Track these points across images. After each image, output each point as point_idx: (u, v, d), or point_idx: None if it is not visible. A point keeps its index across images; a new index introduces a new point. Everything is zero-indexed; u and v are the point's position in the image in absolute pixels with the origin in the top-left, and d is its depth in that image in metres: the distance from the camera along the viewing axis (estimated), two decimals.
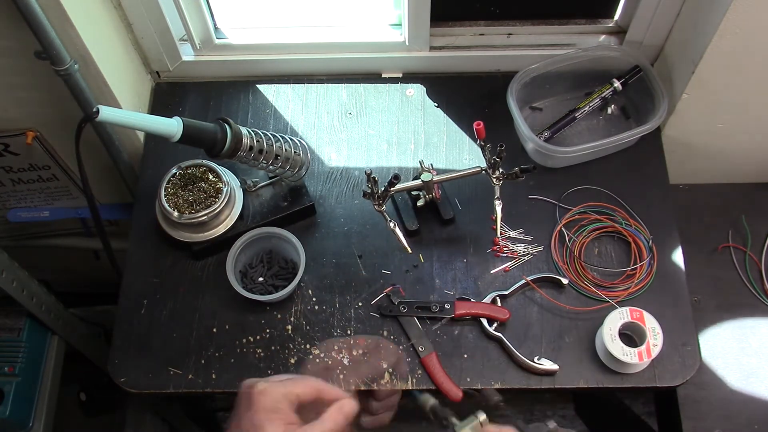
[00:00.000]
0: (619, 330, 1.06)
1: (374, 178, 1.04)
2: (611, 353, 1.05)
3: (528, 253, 1.18)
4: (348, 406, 0.75)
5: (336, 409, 0.75)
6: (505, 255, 1.18)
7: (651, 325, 1.07)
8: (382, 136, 1.30)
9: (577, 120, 1.28)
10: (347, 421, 0.75)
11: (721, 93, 1.19)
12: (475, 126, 1.06)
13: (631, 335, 1.10)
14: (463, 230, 1.20)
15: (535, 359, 1.07)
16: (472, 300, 1.13)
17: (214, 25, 1.30)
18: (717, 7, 1.05)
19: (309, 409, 0.77)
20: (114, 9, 1.18)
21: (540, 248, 1.18)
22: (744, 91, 1.18)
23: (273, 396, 0.73)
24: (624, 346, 1.05)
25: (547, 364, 1.07)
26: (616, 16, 1.29)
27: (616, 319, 1.08)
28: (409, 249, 1.10)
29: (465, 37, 1.31)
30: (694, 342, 1.11)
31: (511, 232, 1.19)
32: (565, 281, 1.13)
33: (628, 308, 1.08)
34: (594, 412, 1.84)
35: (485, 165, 1.10)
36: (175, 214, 1.11)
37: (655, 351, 1.05)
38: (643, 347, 1.05)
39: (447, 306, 1.12)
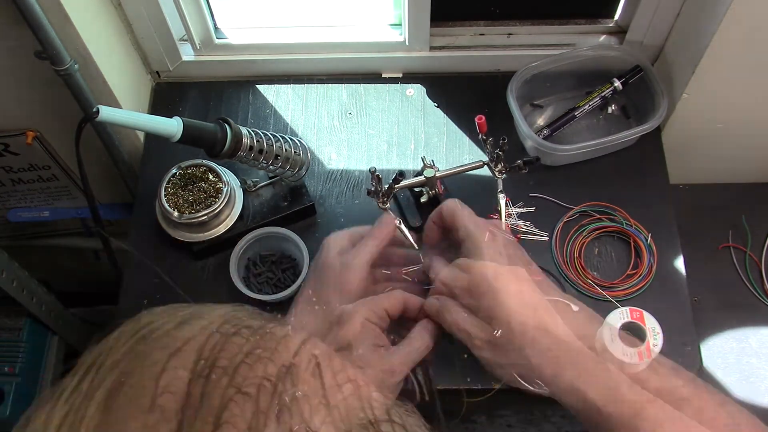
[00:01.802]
0: (619, 330, 1.06)
1: (378, 175, 1.04)
2: (611, 353, 1.05)
3: (530, 231, 1.19)
4: (432, 326, 0.77)
5: (422, 328, 0.77)
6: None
7: (651, 325, 1.06)
8: (382, 136, 1.30)
9: (576, 118, 1.28)
10: (434, 338, 0.77)
11: (721, 93, 1.19)
12: (476, 120, 1.06)
13: (630, 335, 1.10)
14: None
15: None
16: None
17: (214, 25, 1.30)
18: (717, 7, 1.05)
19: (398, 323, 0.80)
20: (114, 9, 1.18)
21: (545, 237, 1.19)
22: (744, 91, 1.18)
23: (361, 315, 0.74)
24: (624, 346, 1.05)
25: (536, 386, 1.07)
26: (616, 16, 1.30)
27: (616, 319, 1.07)
28: (416, 246, 1.10)
29: (465, 37, 1.31)
30: (694, 342, 1.11)
31: (514, 209, 1.21)
32: (575, 308, 1.12)
33: (628, 308, 1.08)
34: None
35: (488, 159, 1.10)
36: (175, 214, 1.10)
37: (655, 351, 1.05)
38: (642, 347, 1.05)
39: None
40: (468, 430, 1.94)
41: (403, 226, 1.10)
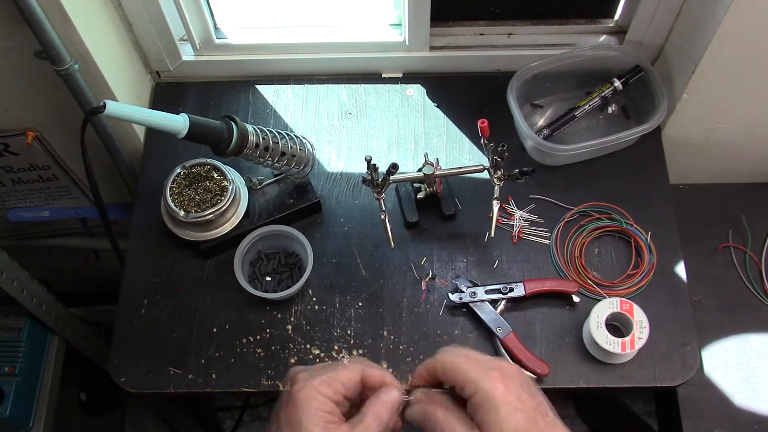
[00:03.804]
0: (607, 320, 1.07)
1: (374, 165, 1.05)
2: (595, 340, 1.06)
3: (533, 233, 1.19)
4: (391, 395, 0.67)
5: (376, 400, 0.66)
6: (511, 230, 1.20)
7: (639, 318, 1.07)
8: (382, 136, 1.30)
9: (576, 118, 1.28)
10: (392, 413, 0.67)
11: (721, 93, 1.19)
12: (479, 124, 1.06)
13: (618, 327, 1.10)
14: (463, 231, 1.20)
15: None
16: (538, 279, 1.15)
17: (214, 25, 1.30)
18: (717, 7, 1.05)
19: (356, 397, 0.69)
20: (114, 9, 1.18)
21: (546, 235, 1.19)
22: (744, 91, 1.18)
23: (313, 389, 0.65)
24: (609, 335, 1.06)
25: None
26: (616, 16, 1.30)
27: (605, 308, 1.08)
28: (392, 243, 1.11)
29: (465, 37, 1.31)
30: (694, 342, 1.11)
31: (521, 212, 1.21)
32: (576, 299, 1.13)
33: (618, 299, 1.09)
34: (594, 412, 1.83)
35: (488, 164, 1.11)
36: (182, 213, 1.10)
37: (639, 344, 1.05)
38: (627, 338, 1.06)
39: (516, 286, 1.13)
40: None
41: (387, 222, 1.11)
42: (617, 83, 1.26)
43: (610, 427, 1.77)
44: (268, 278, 1.16)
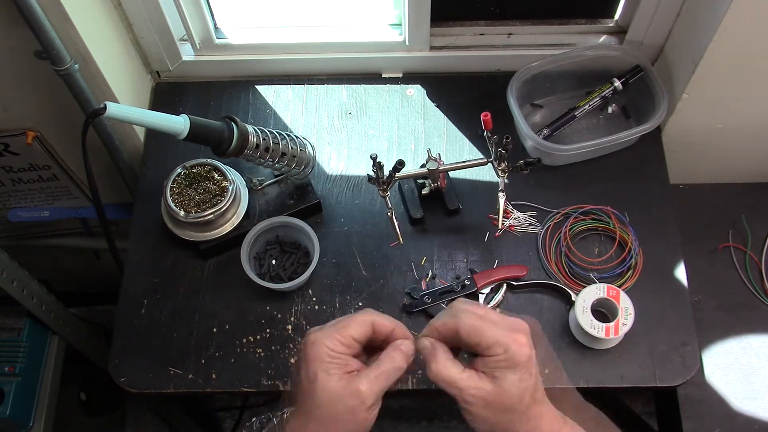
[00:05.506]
0: (593, 305, 1.07)
1: (380, 162, 1.05)
2: (580, 324, 1.06)
3: (525, 226, 1.20)
4: (405, 345, 0.73)
5: (393, 348, 0.72)
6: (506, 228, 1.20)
7: (625, 305, 1.08)
8: (382, 136, 1.30)
9: (576, 118, 1.28)
10: (407, 360, 0.72)
11: (721, 93, 1.19)
12: (482, 117, 1.06)
13: (605, 313, 1.11)
14: (463, 230, 1.20)
15: None
16: (486, 270, 1.15)
17: (214, 25, 1.30)
18: (717, 7, 1.05)
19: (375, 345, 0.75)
20: (114, 9, 1.18)
21: (537, 227, 1.19)
22: (744, 91, 1.18)
23: (326, 344, 0.69)
24: (593, 320, 1.06)
25: None
26: (617, 16, 1.30)
27: (592, 293, 1.09)
28: (401, 240, 1.11)
29: (465, 37, 1.31)
30: (694, 342, 1.11)
31: (517, 213, 1.21)
32: (574, 297, 1.13)
33: (605, 285, 1.09)
34: None
35: (491, 157, 1.11)
36: (182, 213, 1.10)
37: (623, 330, 1.06)
38: (612, 324, 1.06)
39: (467, 282, 1.13)
40: (468, 429, 1.94)
41: (394, 219, 1.11)
42: (617, 83, 1.26)
43: None
44: (277, 269, 1.15)
